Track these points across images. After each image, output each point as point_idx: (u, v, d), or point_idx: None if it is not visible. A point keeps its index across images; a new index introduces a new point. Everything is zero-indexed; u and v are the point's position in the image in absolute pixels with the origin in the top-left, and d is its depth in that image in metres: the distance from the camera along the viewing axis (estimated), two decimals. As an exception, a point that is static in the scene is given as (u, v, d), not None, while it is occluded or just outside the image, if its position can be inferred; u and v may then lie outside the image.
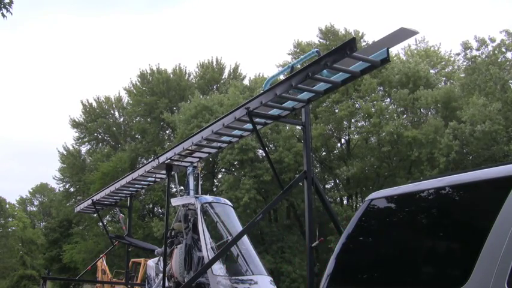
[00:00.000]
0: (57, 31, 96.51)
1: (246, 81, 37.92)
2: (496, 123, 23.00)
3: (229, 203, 10.28)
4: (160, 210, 38.84)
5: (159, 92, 39.44)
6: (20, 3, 37.81)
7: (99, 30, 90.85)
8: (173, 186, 21.92)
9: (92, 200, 13.84)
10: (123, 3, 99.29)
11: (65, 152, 44.16)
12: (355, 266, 3.64)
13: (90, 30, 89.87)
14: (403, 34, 5.82)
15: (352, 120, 30.33)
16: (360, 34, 31.06)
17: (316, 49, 7.39)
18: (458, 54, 29.16)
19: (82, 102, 43.71)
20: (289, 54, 33.92)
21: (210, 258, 8.19)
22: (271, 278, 8.97)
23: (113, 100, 44.25)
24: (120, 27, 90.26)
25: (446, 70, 33.21)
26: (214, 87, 40.74)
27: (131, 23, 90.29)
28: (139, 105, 40.73)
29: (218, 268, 8.44)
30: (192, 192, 10.43)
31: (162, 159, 9.71)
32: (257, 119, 7.49)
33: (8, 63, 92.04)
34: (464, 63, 28.77)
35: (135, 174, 11.33)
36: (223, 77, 41.59)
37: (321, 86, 6.62)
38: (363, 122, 29.80)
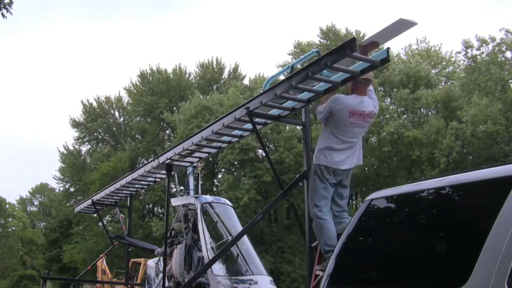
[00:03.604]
0: (57, 32, 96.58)
1: (246, 81, 37.95)
2: (497, 124, 22.97)
3: (229, 203, 10.24)
4: (160, 210, 38.84)
5: (159, 92, 39.45)
6: (20, 3, 37.81)
7: (99, 31, 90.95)
8: (173, 186, 21.93)
9: (92, 200, 13.80)
10: (123, 4, 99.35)
11: (65, 152, 44.19)
12: (355, 266, 3.64)
13: (90, 30, 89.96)
14: (402, 25, 5.72)
15: (353, 120, 30.20)
16: (361, 35, 31.03)
17: (316, 49, 7.37)
18: (459, 53, 29.08)
19: (82, 102, 43.77)
20: (289, 54, 33.96)
21: (210, 258, 8.18)
22: (271, 278, 8.95)
23: (113, 100, 44.25)
24: (120, 28, 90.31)
25: (446, 70, 33.19)
26: (214, 87, 40.74)
27: (131, 24, 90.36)
28: (140, 105, 40.74)
29: (218, 268, 8.43)
30: (192, 192, 10.41)
31: (162, 159, 9.67)
32: (257, 119, 7.46)
33: (8, 63, 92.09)
34: (465, 63, 28.71)
35: (135, 174, 11.29)
36: (223, 77, 41.60)
37: (321, 86, 6.61)
38: (363, 122, 29.68)
